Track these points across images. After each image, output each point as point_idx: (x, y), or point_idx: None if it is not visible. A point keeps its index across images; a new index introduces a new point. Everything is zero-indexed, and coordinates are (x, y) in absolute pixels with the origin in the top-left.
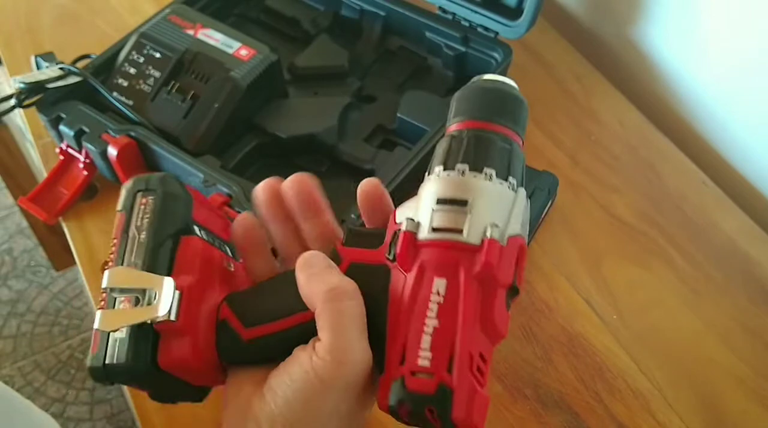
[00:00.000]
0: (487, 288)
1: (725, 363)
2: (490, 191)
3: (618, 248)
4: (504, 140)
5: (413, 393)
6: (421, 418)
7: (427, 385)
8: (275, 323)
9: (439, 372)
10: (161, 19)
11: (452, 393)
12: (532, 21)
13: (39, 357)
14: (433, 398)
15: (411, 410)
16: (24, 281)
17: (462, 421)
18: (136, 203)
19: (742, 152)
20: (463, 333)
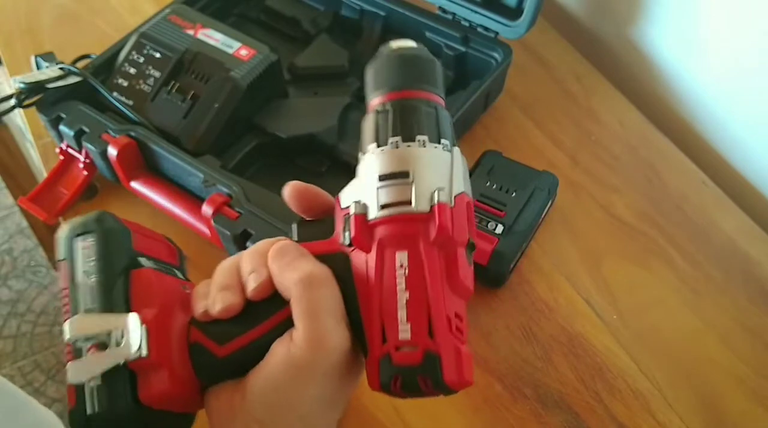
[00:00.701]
0: (447, 250)
1: (725, 363)
2: (427, 157)
3: (618, 248)
4: (427, 104)
5: (402, 367)
6: (415, 388)
7: (413, 357)
8: (249, 332)
9: (422, 341)
10: (161, 19)
11: (439, 358)
12: (532, 21)
13: (39, 357)
14: (422, 367)
15: (403, 383)
16: (24, 281)
17: (455, 382)
18: (77, 248)
19: (742, 152)
20: (434, 298)
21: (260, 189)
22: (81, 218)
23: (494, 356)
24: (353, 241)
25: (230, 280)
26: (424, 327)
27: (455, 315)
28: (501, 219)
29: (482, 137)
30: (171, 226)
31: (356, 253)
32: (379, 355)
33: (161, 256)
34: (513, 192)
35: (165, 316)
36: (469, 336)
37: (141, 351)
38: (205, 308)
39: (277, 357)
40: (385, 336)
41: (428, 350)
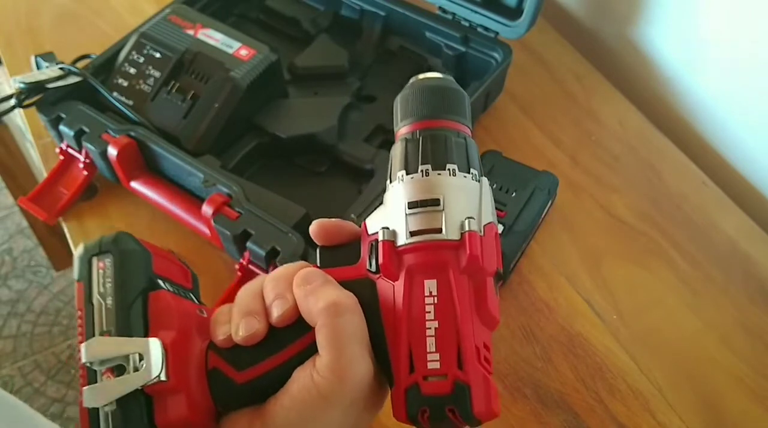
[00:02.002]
0: (477, 280)
1: (725, 363)
2: (457, 186)
3: (618, 248)
4: (456, 134)
5: (431, 397)
6: (443, 419)
7: (442, 386)
8: (270, 359)
9: (452, 371)
10: (161, 19)
11: (469, 388)
12: (532, 21)
13: (39, 357)
14: (451, 397)
15: (431, 414)
16: (24, 281)
17: (483, 413)
18: (93, 268)
19: (742, 152)
20: (464, 327)
21: (260, 189)
22: (99, 239)
23: (494, 356)
24: (381, 267)
25: (254, 305)
26: (453, 356)
27: (483, 345)
28: (501, 219)
29: (482, 137)
30: (171, 226)
31: (383, 280)
32: (406, 385)
33: (177, 279)
34: (513, 192)
35: (183, 340)
36: None
37: (160, 376)
38: (226, 334)
39: (300, 384)
40: (413, 365)
41: (458, 380)
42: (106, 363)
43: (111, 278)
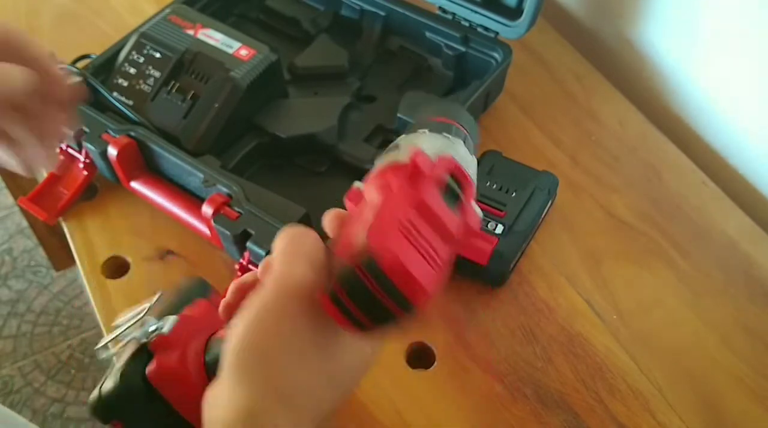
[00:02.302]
0: (417, 183)
1: (725, 363)
2: (422, 136)
3: (618, 248)
4: (457, 130)
5: (342, 270)
6: (362, 292)
7: (351, 253)
8: None
9: (361, 241)
10: (161, 19)
11: (377, 256)
12: (532, 21)
13: (39, 357)
14: (361, 261)
15: (349, 287)
16: (24, 281)
17: (400, 279)
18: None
19: (742, 152)
20: (388, 208)
21: (260, 189)
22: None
23: (494, 356)
24: (348, 197)
25: (247, 278)
26: (373, 229)
27: (420, 235)
28: (501, 219)
29: (482, 137)
30: (171, 226)
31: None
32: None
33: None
34: (513, 192)
35: (198, 321)
36: (469, 335)
37: (163, 330)
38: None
39: (250, 302)
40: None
41: (366, 244)
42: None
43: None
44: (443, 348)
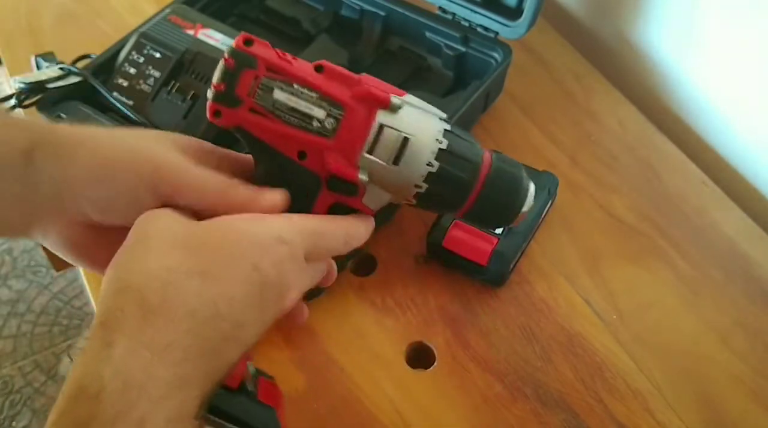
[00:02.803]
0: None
1: (725, 363)
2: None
3: (617, 248)
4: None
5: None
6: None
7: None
8: None
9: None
10: (161, 19)
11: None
12: (532, 21)
13: (39, 357)
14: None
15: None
16: (24, 281)
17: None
18: None
19: (741, 152)
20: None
21: None
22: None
23: (494, 355)
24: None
25: None
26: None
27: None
28: None
29: (482, 137)
30: None
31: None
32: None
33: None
34: None
35: None
36: (469, 335)
37: None
38: None
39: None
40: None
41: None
42: None
43: None
44: (443, 348)
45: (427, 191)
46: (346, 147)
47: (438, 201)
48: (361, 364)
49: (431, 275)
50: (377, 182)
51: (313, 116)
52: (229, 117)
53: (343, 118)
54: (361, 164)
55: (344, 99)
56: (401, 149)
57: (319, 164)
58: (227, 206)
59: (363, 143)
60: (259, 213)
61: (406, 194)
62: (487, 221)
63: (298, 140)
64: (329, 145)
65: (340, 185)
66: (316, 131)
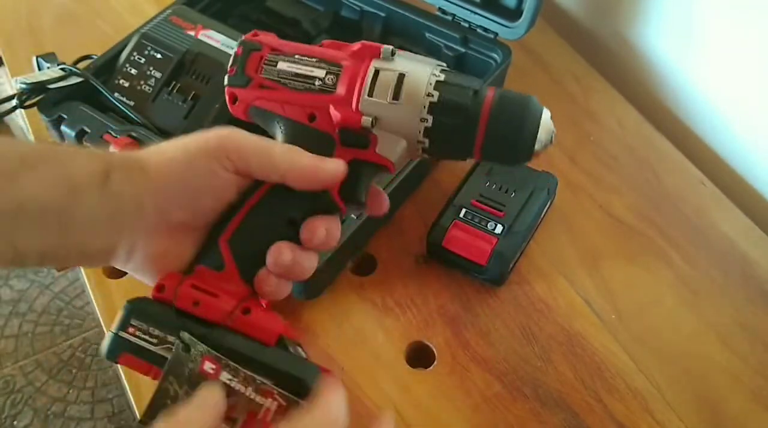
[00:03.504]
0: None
1: (724, 363)
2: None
3: (617, 248)
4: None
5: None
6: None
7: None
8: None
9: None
10: (162, 20)
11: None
12: (532, 22)
13: (40, 356)
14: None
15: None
16: (25, 280)
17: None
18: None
19: (740, 152)
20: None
21: None
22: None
23: (494, 355)
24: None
25: None
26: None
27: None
28: (500, 219)
29: None
30: None
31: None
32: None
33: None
34: (512, 192)
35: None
36: (469, 335)
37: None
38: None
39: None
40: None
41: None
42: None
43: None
44: (443, 348)
45: (434, 123)
46: (347, 96)
47: (448, 135)
48: (361, 364)
49: (431, 275)
50: (385, 125)
51: (315, 77)
52: (243, 98)
53: (341, 72)
54: (364, 109)
55: (341, 56)
56: (398, 85)
57: (328, 122)
58: (295, 168)
59: (362, 88)
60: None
61: (414, 133)
62: (507, 152)
63: (305, 102)
64: (333, 99)
65: (351, 137)
66: (320, 89)
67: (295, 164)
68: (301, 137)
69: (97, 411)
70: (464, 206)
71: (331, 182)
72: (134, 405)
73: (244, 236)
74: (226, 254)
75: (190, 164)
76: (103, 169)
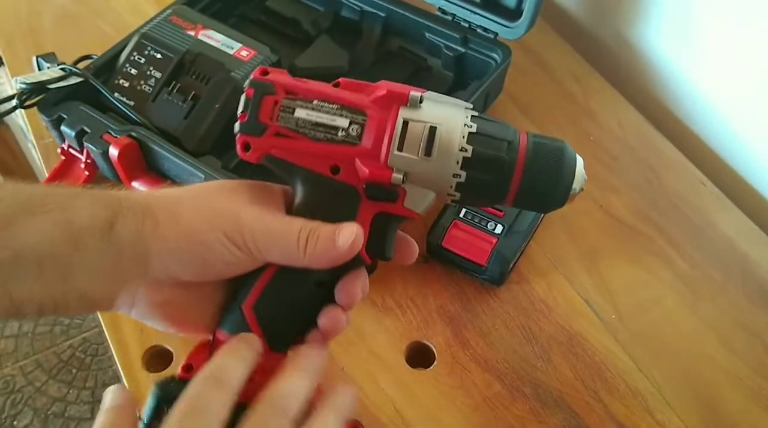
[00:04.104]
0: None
1: (724, 363)
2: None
3: (617, 248)
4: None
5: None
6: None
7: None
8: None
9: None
10: (162, 20)
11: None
12: (532, 22)
13: (40, 356)
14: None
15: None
16: None
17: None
18: None
19: (740, 153)
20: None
21: None
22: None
23: (493, 355)
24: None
25: None
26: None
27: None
28: (500, 219)
29: None
30: None
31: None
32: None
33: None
34: None
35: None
36: (469, 335)
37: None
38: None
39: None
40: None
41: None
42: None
43: None
44: (443, 348)
45: (467, 179)
46: (374, 150)
47: (481, 189)
48: (361, 364)
49: (431, 275)
50: (415, 180)
51: (338, 127)
52: (257, 147)
53: (366, 122)
54: (394, 164)
55: (364, 104)
56: (430, 139)
57: (353, 175)
58: (315, 257)
59: (390, 141)
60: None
61: (446, 187)
62: (540, 202)
63: (327, 154)
64: (358, 151)
65: (379, 192)
66: (343, 141)
67: (309, 255)
68: (324, 192)
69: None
70: (464, 206)
71: (352, 254)
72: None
73: (270, 302)
74: (252, 322)
75: (204, 237)
76: (107, 216)
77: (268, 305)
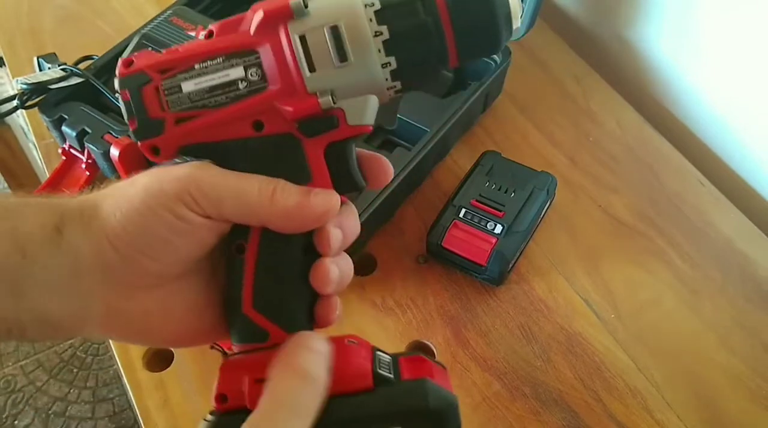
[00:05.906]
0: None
1: (723, 362)
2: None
3: (616, 248)
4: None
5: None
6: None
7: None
8: None
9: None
10: (163, 20)
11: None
12: (531, 23)
13: (41, 356)
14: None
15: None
16: None
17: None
18: None
19: (739, 153)
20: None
21: None
22: None
23: (493, 355)
24: None
25: None
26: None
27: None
28: (500, 219)
29: (481, 138)
30: None
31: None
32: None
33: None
34: (512, 192)
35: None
36: (469, 334)
37: None
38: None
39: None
40: None
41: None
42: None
43: None
44: (443, 347)
45: (398, 62)
46: (286, 84)
47: (419, 64)
48: None
49: (431, 275)
50: (345, 93)
51: (234, 80)
52: (165, 145)
53: (260, 60)
54: (314, 88)
55: (248, 40)
56: (337, 41)
57: (278, 122)
58: (276, 213)
59: (297, 66)
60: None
61: (381, 83)
62: (485, 42)
63: (240, 114)
64: (270, 95)
65: (315, 125)
66: (248, 92)
67: (277, 207)
68: (257, 153)
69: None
70: (464, 206)
71: (324, 220)
72: (135, 404)
73: (266, 293)
74: (261, 321)
75: (150, 210)
76: (54, 222)
77: (266, 297)
